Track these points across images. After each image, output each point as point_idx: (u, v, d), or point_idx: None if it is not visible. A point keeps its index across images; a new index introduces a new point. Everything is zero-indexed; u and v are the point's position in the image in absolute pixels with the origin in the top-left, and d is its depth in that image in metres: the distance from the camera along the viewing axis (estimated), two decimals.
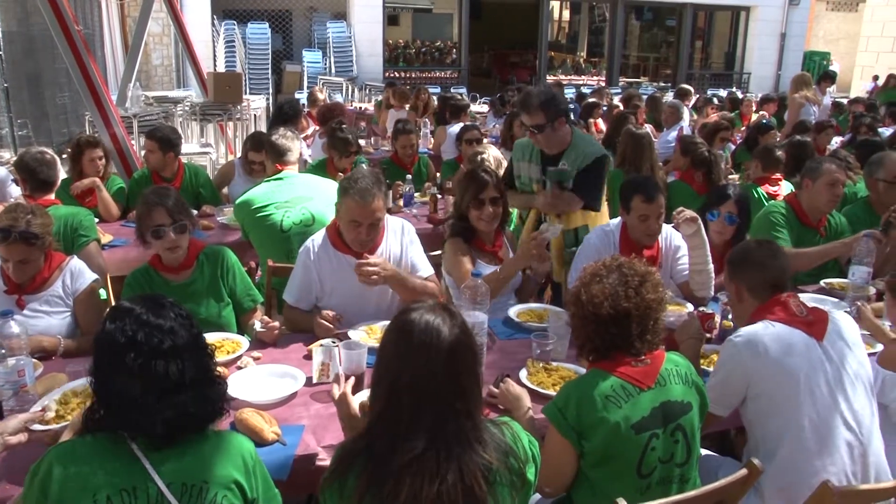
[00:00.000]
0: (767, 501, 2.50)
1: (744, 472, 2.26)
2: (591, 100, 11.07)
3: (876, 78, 22.97)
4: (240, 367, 2.86)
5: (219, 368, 2.71)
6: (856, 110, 11.64)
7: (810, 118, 8.92)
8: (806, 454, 2.44)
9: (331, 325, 3.10)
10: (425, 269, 3.53)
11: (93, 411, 1.83)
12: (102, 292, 3.80)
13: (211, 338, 3.02)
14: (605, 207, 4.55)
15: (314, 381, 2.70)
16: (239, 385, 2.66)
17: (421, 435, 1.72)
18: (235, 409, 2.44)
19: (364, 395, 2.61)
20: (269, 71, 17.77)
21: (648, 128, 7.43)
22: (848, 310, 3.49)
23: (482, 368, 1.89)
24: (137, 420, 1.75)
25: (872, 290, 3.86)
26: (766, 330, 2.57)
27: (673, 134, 8.19)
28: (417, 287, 3.34)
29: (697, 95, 12.64)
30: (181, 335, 1.82)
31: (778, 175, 5.58)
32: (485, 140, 6.72)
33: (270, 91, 17.15)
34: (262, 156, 5.46)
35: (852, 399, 2.51)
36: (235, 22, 17.87)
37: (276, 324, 3.15)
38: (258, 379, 2.75)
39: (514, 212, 4.60)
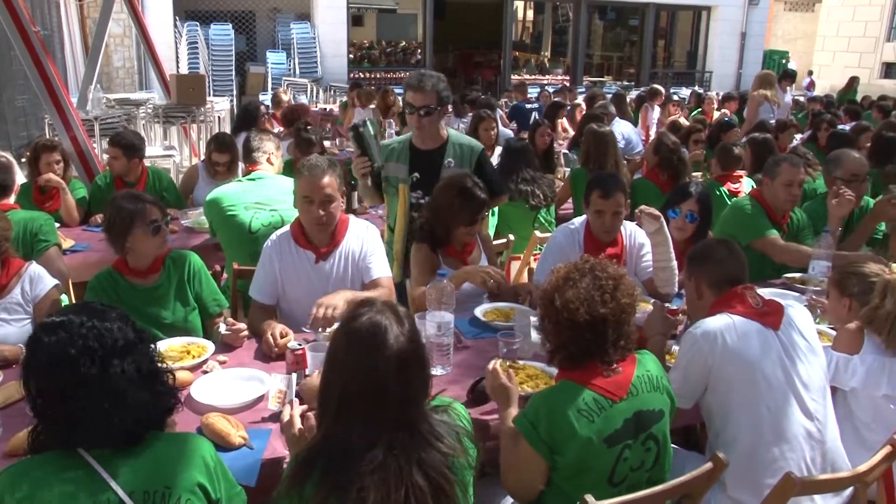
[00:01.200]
0: (730, 491, 2.53)
1: (709, 465, 2.28)
2: (555, 99, 11.14)
3: (811, 73, 23.49)
4: (206, 372, 2.83)
5: (185, 373, 2.72)
6: (814, 108, 11.87)
7: (769, 116, 9.05)
8: (764, 443, 2.49)
9: (274, 348, 3.00)
10: (379, 270, 3.47)
11: (39, 433, 1.79)
12: (64, 298, 3.74)
13: (176, 343, 3.02)
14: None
15: (269, 406, 2.59)
16: (205, 389, 2.64)
17: (377, 443, 1.72)
18: (202, 414, 2.42)
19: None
20: (233, 72, 17.62)
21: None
22: (807, 303, 3.56)
23: (430, 370, 1.89)
24: (94, 430, 1.72)
25: None
26: (724, 322, 2.61)
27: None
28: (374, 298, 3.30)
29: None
30: (128, 332, 1.79)
31: (739, 172, 5.68)
32: None
33: (234, 93, 17.02)
34: (226, 157, 5.43)
35: (809, 387, 2.57)
36: (198, 23, 17.69)
37: (242, 326, 3.13)
38: (224, 383, 2.73)
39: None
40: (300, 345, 2.75)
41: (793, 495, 2.27)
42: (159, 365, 1.88)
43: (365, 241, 3.49)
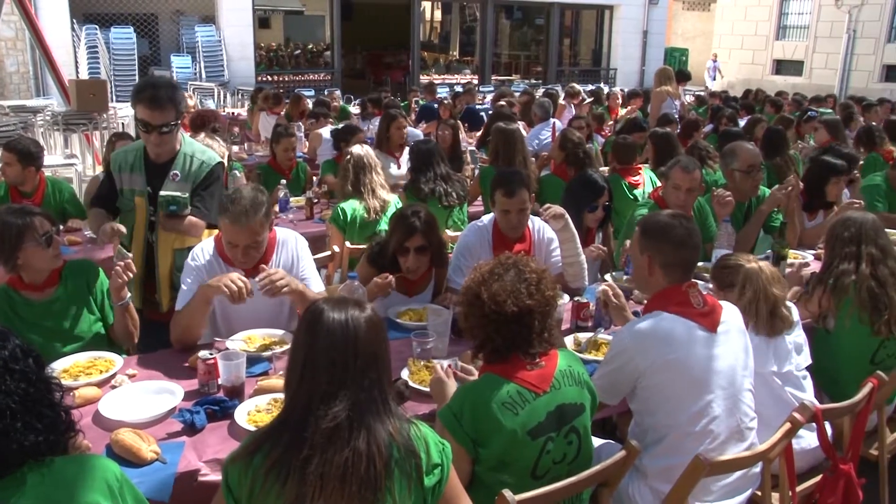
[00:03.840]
0: (650, 481, 2.59)
1: (623, 453, 2.34)
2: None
3: (716, 57, 24.43)
4: (114, 386, 2.75)
5: (91, 389, 2.65)
6: (714, 103, 12.35)
7: (672, 111, 9.35)
8: (694, 440, 2.53)
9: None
10: (317, 285, 3.41)
11: None
12: None
13: (82, 358, 2.93)
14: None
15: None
16: (113, 405, 2.57)
17: (338, 403, 1.74)
18: (111, 431, 2.36)
19: (250, 405, 2.60)
20: (136, 77, 17.06)
21: (521, 124, 7.63)
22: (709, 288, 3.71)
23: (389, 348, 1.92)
24: None
25: None
26: (659, 324, 2.60)
27: (544, 131, 8.40)
28: (314, 298, 3.14)
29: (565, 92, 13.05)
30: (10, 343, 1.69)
31: (637, 165, 5.92)
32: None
33: None
34: None
35: (741, 389, 2.63)
36: (97, 26, 17.08)
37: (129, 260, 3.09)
38: (134, 397, 2.66)
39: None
40: (211, 354, 2.71)
41: (703, 476, 2.35)
42: (50, 385, 1.75)
43: (296, 254, 3.40)
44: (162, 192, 3.60)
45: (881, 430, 3.19)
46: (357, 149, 5.02)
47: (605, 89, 15.75)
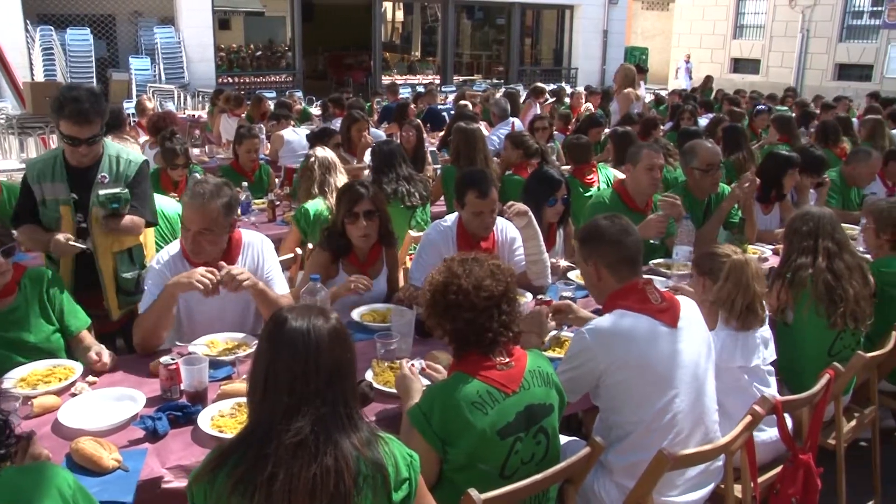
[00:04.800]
0: (615, 477, 2.62)
1: (587, 449, 2.36)
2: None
3: (689, 58, 24.73)
4: (74, 395, 2.71)
5: (50, 397, 2.60)
6: (673, 101, 12.53)
7: (634, 111, 9.43)
8: (659, 436, 2.55)
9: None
10: (282, 287, 3.39)
11: None
12: None
13: (41, 366, 2.87)
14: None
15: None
16: (73, 413, 2.53)
17: (301, 418, 1.72)
18: (71, 440, 2.32)
19: (213, 409, 2.58)
20: (94, 79, 16.80)
21: (483, 124, 7.67)
22: (669, 285, 3.76)
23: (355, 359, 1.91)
24: None
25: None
26: (618, 322, 2.61)
27: (503, 130, 8.44)
28: (276, 300, 3.19)
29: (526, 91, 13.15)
30: None
31: (592, 163, 5.97)
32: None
33: None
34: None
35: (704, 383, 2.67)
36: (53, 27, 16.76)
37: (106, 358, 2.95)
38: (94, 404, 2.62)
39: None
40: (173, 360, 2.68)
41: (666, 470, 2.38)
42: None
43: (261, 256, 3.38)
44: (101, 192, 3.52)
45: (838, 421, 3.26)
46: (321, 150, 5.01)
47: (567, 88, 15.86)
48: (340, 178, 4.88)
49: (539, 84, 12.82)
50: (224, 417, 2.52)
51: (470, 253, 2.42)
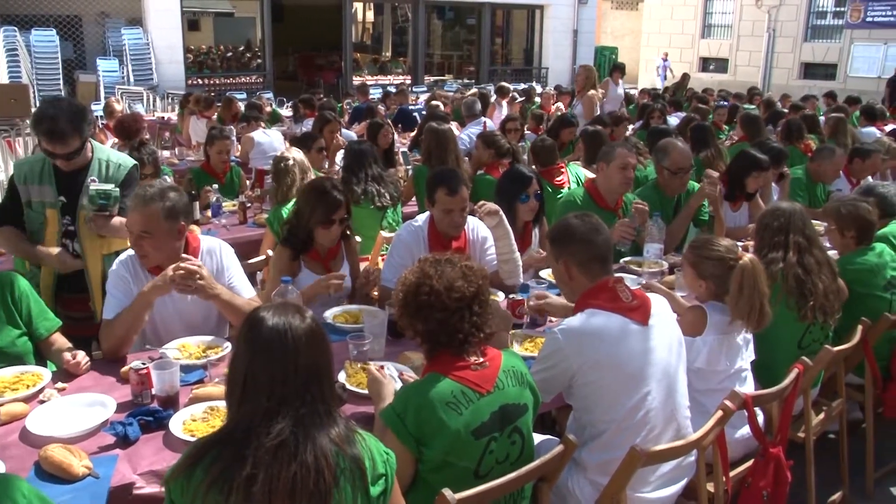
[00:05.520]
0: (589, 475, 2.63)
1: (560, 447, 2.38)
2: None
3: (666, 56, 24.92)
4: (42, 401, 2.67)
5: (18, 404, 2.56)
6: (643, 100, 12.64)
7: (606, 112, 9.47)
8: (632, 433, 2.57)
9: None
10: (247, 292, 3.35)
11: None
12: None
13: (7, 373, 2.83)
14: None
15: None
16: (42, 420, 2.50)
17: (281, 420, 1.72)
18: (40, 447, 2.29)
19: (185, 414, 2.55)
20: (61, 81, 16.56)
21: (454, 124, 7.68)
22: (641, 283, 3.79)
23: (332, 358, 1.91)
24: None
25: (665, 265, 4.22)
26: (590, 322, 2.62)
27: (473, 130, 8.45)
28: (244, 305, 3.14)
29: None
30: None
31: (559, 164, 6.00)
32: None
33: None
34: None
35: (675, 379, 2.69)
36: (17, 28, 16.48)
37: (81, 358, 2.92)
38: (64, 411, 2.58)
39: None
40: (144, 364, 2.65)
41: (639, 467, 2.40)
42: None
43: (222, 263, 3.34)
44: (92, 187, 3.48)
45: (807, 414, 3.31)
46: (297, 152, 4.99)
47: (538, 88, 15.92)
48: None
49: (504, 84, 12.84)
50: (196, 421, 2.50)
51: (444, 254, 2.42)
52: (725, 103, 10.67)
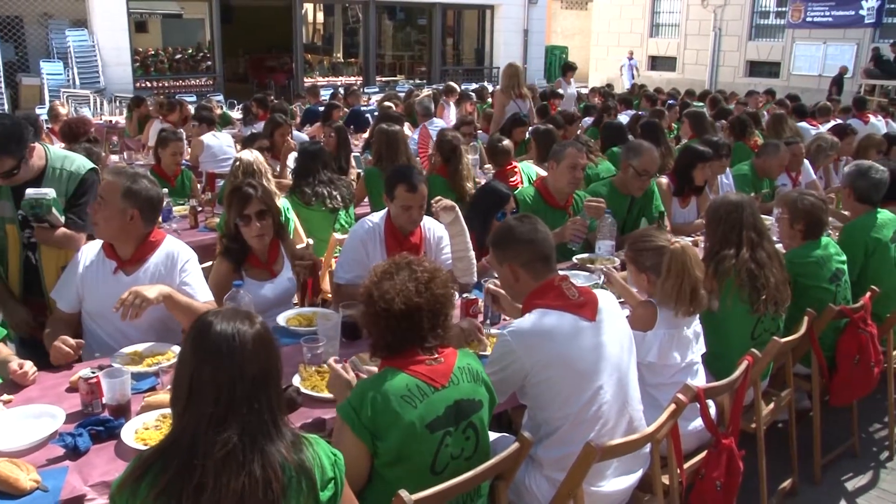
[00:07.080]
0: (546, 471, 2.65)
1: (516, 445, 2.39)
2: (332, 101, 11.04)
3: (632, 55, 25.16)
4: None
5: None
6: (592, 99, 12.78)
7: (513, 110, 9.11)
8: (586, 428, 2.59)
9: (70, 351, 2.89)
10: (202, 295, 3.30)
11: None
12: None
13: None
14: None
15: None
16: None
17: (227, 429, 1.69)
18: None
19: (137, 422, 2.51)
20: (2, 85, 16.14)
21: (406, 125, 7.66)
22: (598, 280, 3.83)
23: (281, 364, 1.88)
24: None
25: (617, 262, 4.27)
26: (541, 322, 2.63)
27: (432, 129, 8.42)
28: (197, 307, 3.12)
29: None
30: None
31: (512, 164, 6.04)
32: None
33: (5, 107, 15.61)
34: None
35: (627, 372, 2.72)
36: None
37: (28, 368, 2.85)
38: (10, 423, 2.51)
39: None
40: (93, 373, 2.60)
41: (594, 461, 2.43)
42: None
43: (178, 262, 3.30)
44: (27, 194, 3.34)
45: (757, 405, 3.38)
46: (247, 154, 4.93)
47: (490, 87, 15.98)
48: (266, 184, 4.77)
49: (451, 83, 12.81)
50: (149, 430, 2.46)
51: (402, 257, 2.41)
52: (673, 102, 10.85)
